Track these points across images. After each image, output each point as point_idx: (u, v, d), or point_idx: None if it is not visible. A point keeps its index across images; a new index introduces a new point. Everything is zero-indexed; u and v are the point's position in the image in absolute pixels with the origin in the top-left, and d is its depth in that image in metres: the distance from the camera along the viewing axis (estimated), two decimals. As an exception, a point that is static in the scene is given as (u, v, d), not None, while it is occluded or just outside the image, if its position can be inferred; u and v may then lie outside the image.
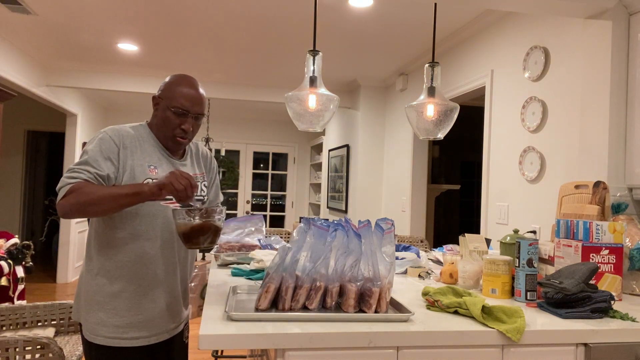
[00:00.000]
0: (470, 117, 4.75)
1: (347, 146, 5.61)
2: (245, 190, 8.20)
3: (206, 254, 4.91)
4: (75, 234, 6.25)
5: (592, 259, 1.66)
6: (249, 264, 2.07)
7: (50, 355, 1.73)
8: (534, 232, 1.91)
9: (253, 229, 2.39)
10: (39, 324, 2.50)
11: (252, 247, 2.32)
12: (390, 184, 5.01)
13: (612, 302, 1.46)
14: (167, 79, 1.66)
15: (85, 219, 6.30)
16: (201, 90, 1.66)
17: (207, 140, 6.65)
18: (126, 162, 1.55)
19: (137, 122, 1.72)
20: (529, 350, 1.30)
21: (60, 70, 5.01)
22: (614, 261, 1.67)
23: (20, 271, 3.53)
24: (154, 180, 1.54)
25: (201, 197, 1.75)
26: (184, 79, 1.65)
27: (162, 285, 1.62)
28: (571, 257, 1.69)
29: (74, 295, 1.67)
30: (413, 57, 4.30)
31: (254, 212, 8.31)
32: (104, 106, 7.40)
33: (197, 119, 1.64)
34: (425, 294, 1.58)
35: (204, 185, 1.78)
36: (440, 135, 2.22)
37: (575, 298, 1.44)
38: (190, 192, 1.42)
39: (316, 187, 8.07)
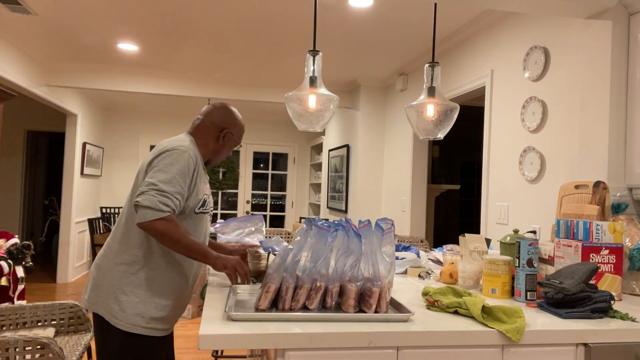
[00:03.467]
0: (470, 117, 4.76)
1: (347, 146, 5.61)
2: (245, 190, 8.20)
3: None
4: (75, 234, 6.25)
5: (592, 259, 1.66)
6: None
7: (50, 355, 1.73)
8: (534, 232, 1.91)
9: (253, 229, 2.39)
10: (39, 324, 2.50)
11: (252, 247, 2.31)
12: (390, 184, 5.01)
13: (612, 302, 1.46)
14: (226, 111, 1.88)
15: (85, 218, 6.26)
16: None
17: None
18: (197, 181, 1.71)
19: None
20: (529, 350, 1.30)
21: (60, 70, 5.01)
22: (614, 261, 1.67)
23: (20, 271, 3.52)
24: (218, 256, 1.64)
25: (212, 207, 1.93)
26: (239, 114, 1.93)
27: (191, 283, 1.81)
28: (571, 257, 1.69)
29: (92, 285, 1.71)
30: (413, 57, 4.30)
31: (254, 212, 8.31)
32: (104, 106, 7.40)
33: None
34: (425, 294, 1.58)
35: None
36: (440, 135, 2.22)
37: (575, 298, 1.44)
38: (243, 279, 1.67)
39: (316, 187, 8.07)
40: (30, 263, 3.63)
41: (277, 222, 8.37)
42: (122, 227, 1.71)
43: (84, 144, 6.39)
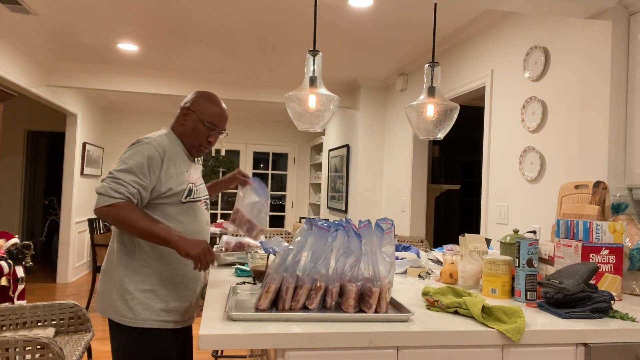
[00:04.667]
0: (470, 117, 4.76)
1: (347, 146, 5.61)
2: (245, 190, 8.18)
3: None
4: (75, 233, 6.25)
5: (592, 259, 1.66)
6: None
7: (50, 355, 1.73)
8: (534, 232, 1.91)
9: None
10: (39, 324, 2.49)
11: (251, 248, 2.31)
12: (390, 184, 5.01)
13: (612, 302, 1.46)
14: (196, 94, 1.83)
15: (85, 218, 6.25)
16: (225, 107, 1.86)
17: (207, 140, 6.64)
18: (169, 171, 1.69)
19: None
20: (529, 350, 1.30)
21: (60, 70, 5.01)
22: (614, 261, 1.67)
23: (20, 271, 3.52)
24: (181, 239, 1.61)
25: (207, 195, 1.91)
26: (214, 96, 1.83)
27: (196, 275, 1.80)
28: (571, 257, 1.69)
29: (102, 292, 1.72)
30: (413, 57, 4.30)
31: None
32: (104, 106, 7.40)
33: (220, 133, 1.85)
34: (425, 294, 1.58)
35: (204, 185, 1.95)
36: (440, 135, 2.22)
37: (575, 298, 1.44)
38: (205, 268, 1.63)
39: (316, 187, 8.07)
40: (30, 263, 3.63)
41: (277, 222, 8.37)
42: (114, 229, 1.75)
43: (84, 144, 6.39)
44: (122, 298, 1.66)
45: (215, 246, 2.39)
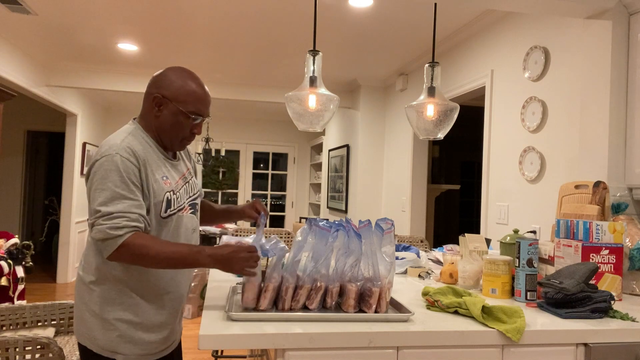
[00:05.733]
0: (470, 117, 4.76)
1: (347, 146, 5.61)
2: (245, 190, 8.19)
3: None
4: (75, 234, 6.25)
5: (592, 259, 1.66)
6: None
7: (50, 355, 1.73)
8: (534, 232, 1.91)
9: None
10: (39, 324, 2.49)
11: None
12: (390, 184, 5.01)
13: (612, 302, 1.46)
14: (169, 76, 1.49)
15: (85, 218, 6.25)
16: (206, 88, 1.55)
17: (207, 140, 6.65)
18: (148, 181, 1.42)
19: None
20: (529, 350, 1.30)
21: (60, 70, 5.00)
22: (614, 261, 1.67)
23: (20, 271, 3.52)
24: (213, 255, 1.37)
25: (197, 193, 1.66)
26: (191, 77, 1.51)
27: (182, 294, 1.60)
28: (571, 257, 1.69)
29: (75, 313, 1.49)
30: (413, 57, 4.30)
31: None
32: (104, 106, 7.40)
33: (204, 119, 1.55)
34: (425, 294, 1.58)
35: (194, 180, 1.68)
36: (440, 135, 2.23)
37: (575, 298, 1.44)
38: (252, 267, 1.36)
39: (316, 187, 8.07)
40: (30, 263, 3.63)
41: (277, 222, 8.37)
42: (89, 243, 1.47)
43: (84, 144, 6.39)
44: (101, 327, 1.43)
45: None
